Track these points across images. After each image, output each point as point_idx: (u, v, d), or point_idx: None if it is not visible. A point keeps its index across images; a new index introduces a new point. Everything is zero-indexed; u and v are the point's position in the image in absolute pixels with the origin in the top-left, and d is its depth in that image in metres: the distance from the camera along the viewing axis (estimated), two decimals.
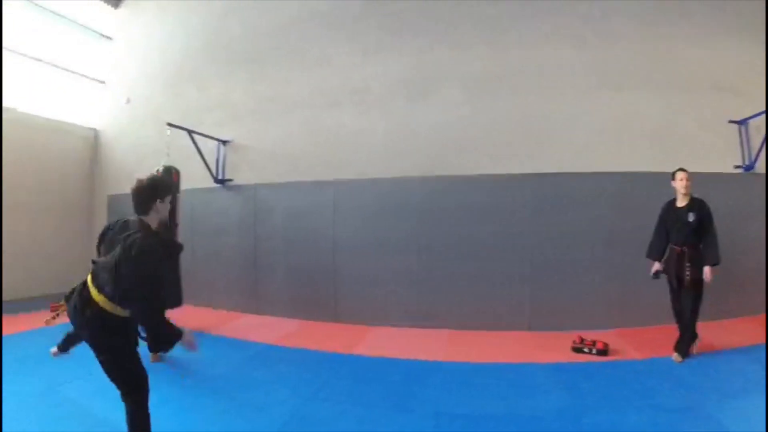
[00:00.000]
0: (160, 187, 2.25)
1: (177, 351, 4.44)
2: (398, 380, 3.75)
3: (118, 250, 2.13)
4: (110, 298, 2.16)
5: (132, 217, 2.25)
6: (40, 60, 8.31)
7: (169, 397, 3.39)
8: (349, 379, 3.84)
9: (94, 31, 9.26)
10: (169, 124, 6.07)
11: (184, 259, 6.26)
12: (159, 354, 4.40)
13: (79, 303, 2.21)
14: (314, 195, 6.33)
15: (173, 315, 5.66)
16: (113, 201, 8.33)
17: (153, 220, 2.24)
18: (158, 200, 2.22)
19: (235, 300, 6.86)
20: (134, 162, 8.22)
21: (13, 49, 7.81)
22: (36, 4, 8.16)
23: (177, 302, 5.67)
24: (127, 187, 2.35)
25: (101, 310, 2.17)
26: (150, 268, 2.08)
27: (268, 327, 5.84)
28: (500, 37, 5.78)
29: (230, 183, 7.09)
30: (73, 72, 8.93)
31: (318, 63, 6.60)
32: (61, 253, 8.15)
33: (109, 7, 9.34)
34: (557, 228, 5.35)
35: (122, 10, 9.46)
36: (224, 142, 7.17)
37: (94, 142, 9.34)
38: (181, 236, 6.07)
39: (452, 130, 5.77)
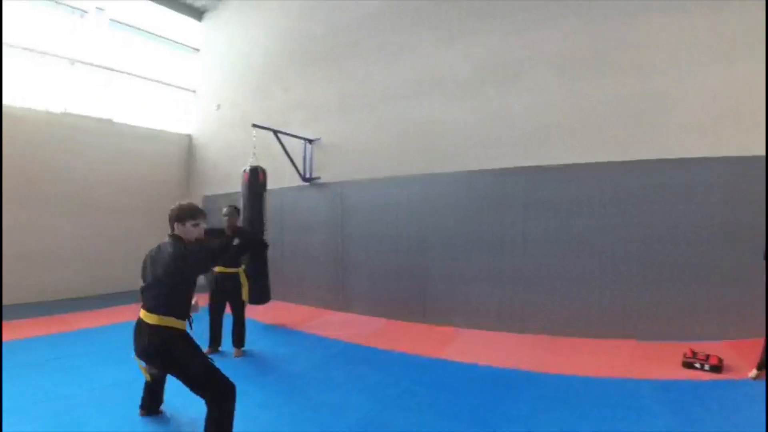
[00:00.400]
0: (179, 214, 2.63)
1: (261, 348, 4.68)
2: (486, 391, 3.45)
3: (159, 268, 2.48)
4: (163, 312, 2.42)
5: (165, 240, 2.64)
6: (137, 76, 9.09)
7: (244, 393, 3.35)
8: (433, 385, 3.60)
9: (183, 45, 9.95)
10: (254, 126, 6.28)
11: (274, 255, 6.54)
12: (242, 350, 4.62)
13: (137, 334, 2.50)
14: (402, 191, 6.17)
15: (261, 310, 6.17)
16: (208, 201, 8.79)
17: (188, 232, 2.63)
18: (177, 223, 2.63)
19: (322, 296, 6.99)
20: (226, 164, 8.73)
21: (115, 68, 8.66)
22: (133, 27, 8.96)
23: (265, 298, 5.95)
24: (219, 188, 2.51)
25: (156, 328, 2.41)
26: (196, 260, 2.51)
27: (354, 325, 5.82)
28: (593, 9, 5.11)
29: (317, 181, 7.17)
30: (167, 84, 9.68)
31: (400, 53, 6.41)
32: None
33: (194, 20, 10.01)
34: (665, 222, 4.63)
35: (206, 22, 10.05)
36: (310, 141, 7.25)
37: (188, 147, 10.08)
38: (271, 233, 6.35)
39: (545, 115, 5.26)
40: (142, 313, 2.49)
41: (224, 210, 4.80)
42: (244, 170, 5.87)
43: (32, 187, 7.46)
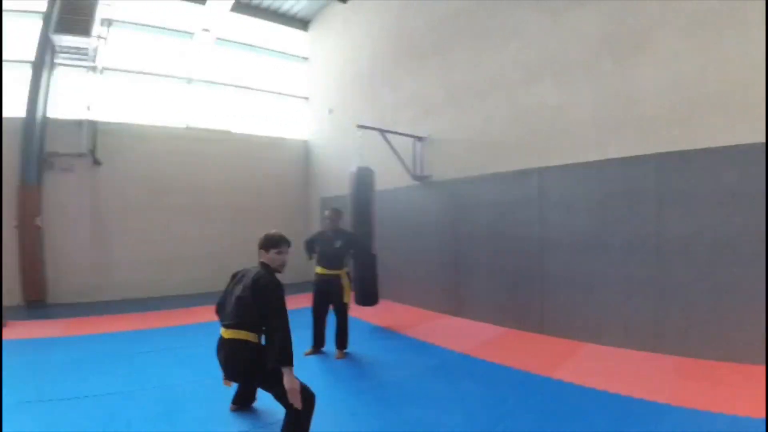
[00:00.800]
0: (264, 243, 2.85)
1: (364, 351, 4.67)
2: (605, 423, 2.88)
3: (244, 286, 2.68)
4: (238, 326, 2.61)
5: (251, 266, 2.88)
6: (252, 88, 10.04)
7: (337, 398, 3.42)
8: (541, 411, 3.12)
9: (292, 55, 10.61)
10: (360, 126, 6.34)
11: (385, 255, 6.57)
12: (344, 352, 4.67)
13: (218, 348, 2.72)
14: (517, 186, 5.65)
15: (369, 311, 6.28)
16: (325, 202, 9.20)
17: (273, 260, 2.83)
18: (262, 251, 2.85)
19: (434, 299, 6.84)
20: (340, 166, 9.01)
21: (230, 83, 9.65)
22: (243, 44, 9.88)
23: (372, 301, 6.02)
24: (335, 190, 2.54)
25: (232, 342, 2.61)
26: (274, 294, 2.58)
27: (464, 332, 5.54)
28: None
29: (429, 179, 7.00)
30: (280, 93, 10.44)
31: (506, 38, 5.88)
32: None
33: (300, 31, 10.58)
34: None
35: (312, 31, 10.57)
36: (420, 138, 7.10)
37: (305, 152, 10.74)
38: (381, 234, 6.32)
39: (679, 90, 4.26)
40: (223, 331, 2.70)
41: (326, 212, 4.94)
42: (351, 172, 5.97)
43: (165, 197, 8.74)
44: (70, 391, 3.56)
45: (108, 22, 8.10)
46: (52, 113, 7.77)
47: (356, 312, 6.02)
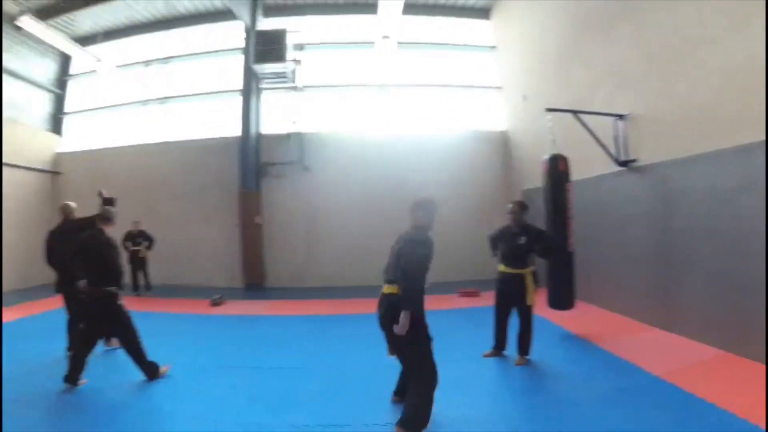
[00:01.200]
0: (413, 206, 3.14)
1: (548, 360, 4.45)
2: None
3: (399, 245, 3.00)
4: (391, 282, 2.95)
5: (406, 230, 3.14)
6: (446, 85, 10.39)
7: (500, 410, 3.37)
8: None
9: (479, 46, 10.44)
10: (548, 110, 5.88)
11: (585, 252, 6.02)
12: (526, 358, 4.42)
13: (378, 305, 3.05)
14: (738, 167, 4.30)
15: (564, 314, 5.77)
16: (528, 194, 8.72)
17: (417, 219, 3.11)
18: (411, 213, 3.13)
19: (639, 306, 5.81)
20: (538, 156, 8.53)
21: (426, 83, 10.19)
22: (432, 44, 10.25)
23: (565, 304, 5.55)
24: (537, 181, 2.75)
25: (388, 296, 2.94)
26: (414, 248, 2.87)
27: (673, 351, 4.56)
28: None
29: (634, 164, 5.93)
30: (472, 87, 10.45)
31: None
32: (472, 244, 8.81)
33: (482, 20, 10.29)
34: None
35: (494, 19, 10.17)
36: (621, 117, 6.09)
37: (503, 143, 10.47)
38: (580, 229, 5.76)
39: None
40: (385, 288, 3.04)
41: (508, 206, 4.71)
42: (543, 160, 5.63)
43: (365, 195, 9.83)
44: (261, 361, 4.66)
45: (300, 47, 9.89)
46: (264, 129, 10.04)
47: (549, 314, 5.72)
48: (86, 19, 10.28)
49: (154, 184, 10.44)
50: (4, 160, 9.25)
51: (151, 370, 4.06)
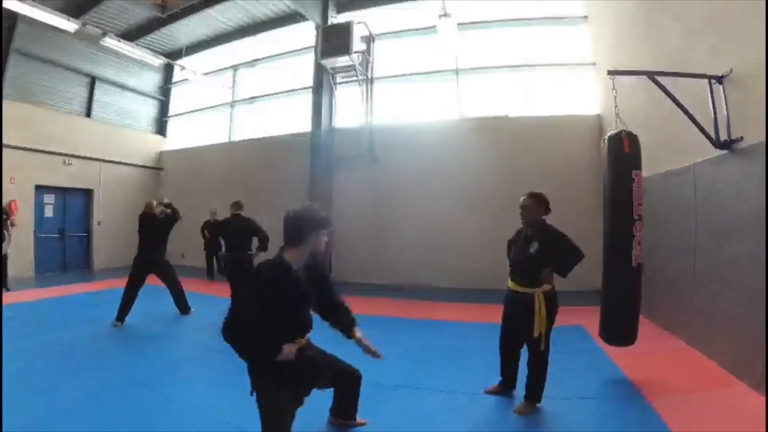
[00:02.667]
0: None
1: (573, 415, 3.37)
2: None
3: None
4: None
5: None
6: (529, 65, 9.13)
7: None
8: None
9: (567, 18, 8.80)
10: (611, 72, 4.42)
11: (667, 270, 4.82)
12: (534, 406, 3.33)
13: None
14: None
15: (622, 350, 4.32)
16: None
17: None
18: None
19: (737, 353, 4.00)
20: (644, 139, 6.89)
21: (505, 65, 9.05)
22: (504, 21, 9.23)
23: (626, 337, 4.15)
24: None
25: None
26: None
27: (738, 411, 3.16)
28: None
29: (739, 145, 4.18)
30: (560, 65, 8.91)
31: None
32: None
33: None
34: None
35: None
36: (719, 79, 4.33)
37: (599, 126, 8.71)
38: (655, 235, 4.57)
39: None
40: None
41: (521, 199, 3.64)
42: (603, 140, 4.34)
43: (437, 188, 9.19)
44: None
45: (369, 39, 9.65)
46: (337, 123, 10.03)
47: (600, 343, 4.37)
48: (178, 34, 11.82)
49: (237, 178, 11.36)
50: (120, 160, 11.06)
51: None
